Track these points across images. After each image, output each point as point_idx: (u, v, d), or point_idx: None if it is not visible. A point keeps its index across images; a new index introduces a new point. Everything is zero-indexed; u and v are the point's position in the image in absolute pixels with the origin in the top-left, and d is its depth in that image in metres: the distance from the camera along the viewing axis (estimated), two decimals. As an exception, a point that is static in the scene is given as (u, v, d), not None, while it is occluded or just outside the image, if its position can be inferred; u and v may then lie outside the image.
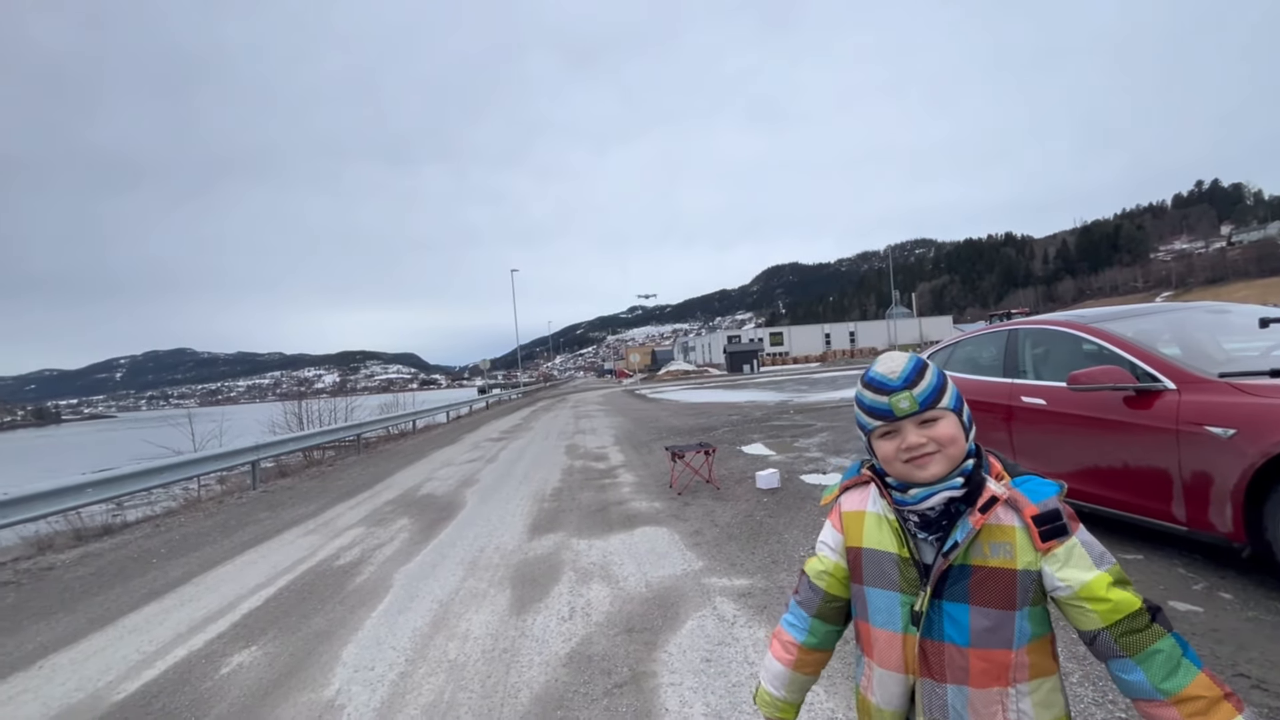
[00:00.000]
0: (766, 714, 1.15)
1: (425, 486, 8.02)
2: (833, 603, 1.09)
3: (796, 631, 1.12)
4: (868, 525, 1.03)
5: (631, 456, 9.10)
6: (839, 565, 1.08)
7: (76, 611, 4.20)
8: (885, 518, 1.01)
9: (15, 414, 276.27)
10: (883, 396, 0.96)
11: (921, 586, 0.95)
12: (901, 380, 0.95)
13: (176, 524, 7.05)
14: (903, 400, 0.94)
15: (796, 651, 1.11)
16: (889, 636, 0.99)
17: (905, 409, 0.94)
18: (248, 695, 2.78)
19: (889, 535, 0.99)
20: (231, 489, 9.70)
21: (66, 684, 3.08)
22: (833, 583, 1.08)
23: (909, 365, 0.97)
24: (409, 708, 2.54)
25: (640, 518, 5.35)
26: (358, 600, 3.88)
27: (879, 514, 1.02)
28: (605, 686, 2.57)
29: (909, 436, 0.95)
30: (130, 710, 2.75)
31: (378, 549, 5.07)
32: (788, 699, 1.14)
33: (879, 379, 0.97)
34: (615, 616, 3.28)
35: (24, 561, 5.80)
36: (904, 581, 0.97)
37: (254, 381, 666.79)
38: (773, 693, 1.14)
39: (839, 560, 1.08)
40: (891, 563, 0.99)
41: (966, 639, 0.92)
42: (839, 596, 1.08)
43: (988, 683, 0.91)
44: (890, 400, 0.95)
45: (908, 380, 0.95)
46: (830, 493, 1.13)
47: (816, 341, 74.58)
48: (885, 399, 0.96)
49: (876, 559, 1.01)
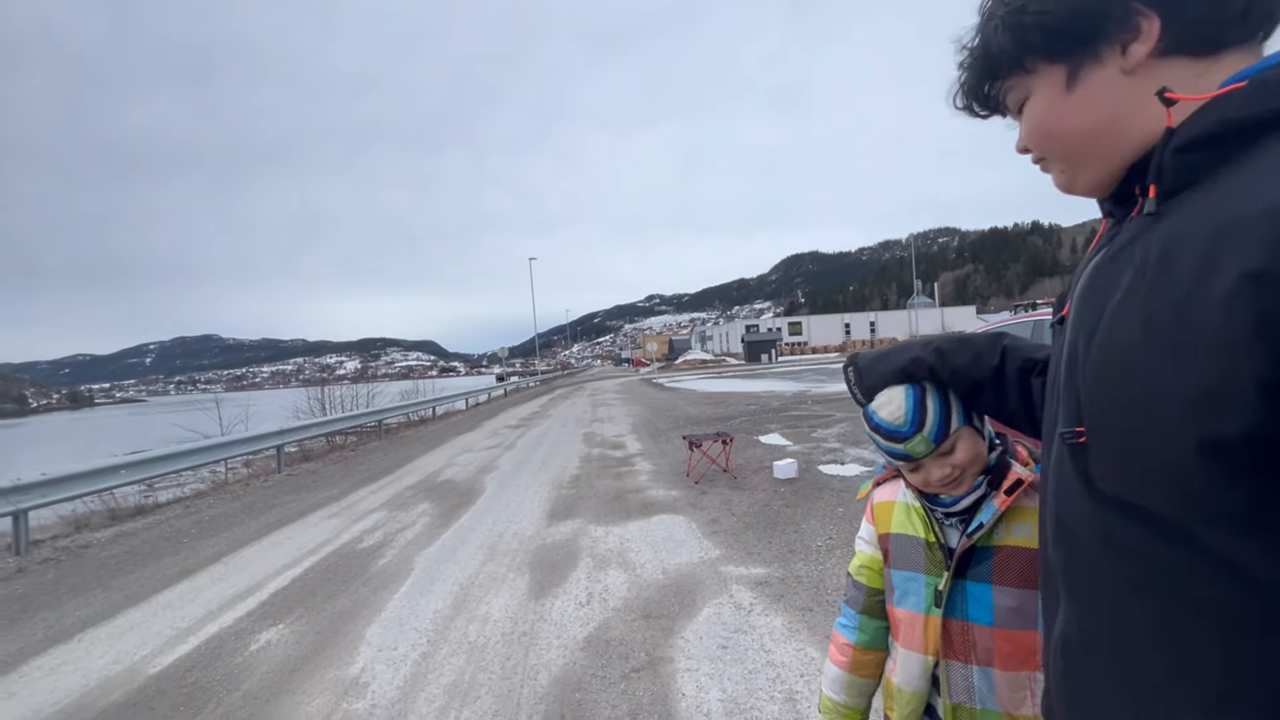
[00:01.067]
0: (828, 719, 1.13)
1: (445, 472, 8.14)
2: (876, 596, 1.09)
3: (848, 631, 1.11)
4: (897, 513, 1.04)
5: (649, 445, 9.13)
6: (874, 557, 1.09)
7: (112, 588, 4.35)
8: (913, 505, 1.02)
9: (51, 397, 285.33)
10: (897, 444, 0.94)
11: (945, 568, 0.95)
12: (909, 426, 0.93)
13: (206, 505, 7.25)
14: (918, 445, 0.93)
15: (851, 652, 1.10)
16: (911, 617, 0.99)
17: (922, 452, 0.93)
18: (276, 671, 2.87)
19: (917, 521, 1.01)
20: (257, 472, 9.93)
21: (105, 657, 3.20)
22: (872, 575, 1.09)
23: (909, 406, 0.93)
24: (431, 687, 2.61)
25: (657, 505, 5.38)
26: (380, 582, 3.97)
27: (907, 502, 1.03)
28: (623, 671, 2.60)
29: (933, 472, 0.94)
30: (166, 683, 2.86)
31: (399, 533, 5.17)
32: (849, 703, 1.11)
33: (887, 427, 0.94)
34: (632, 602, 3.32)
35: (62, 539, 6.02)
36: (929, 564, 0.98)
37: (278, 367, 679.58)
38: (833, 698, 1.12)
39: (874, 552, 1.09)
40: (918, 546, 1.00)
41: (990, 618, 0.92)
42: (880, 589, 1.08)
43: (1015, 666, 0.91)
44: (906, 447, 0.94)
45: (915, 423, 0.93)
46: (866, 488, 1.14)
47: (836, 331, 73.86)
48: (901, 446, 0.94)
49: (904, 543, 1.02)
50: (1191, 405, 0.45)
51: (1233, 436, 0.43)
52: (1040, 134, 0.62)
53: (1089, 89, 0.57)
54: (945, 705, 0.95)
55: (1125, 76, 0.55)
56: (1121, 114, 0.56)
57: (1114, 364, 0.52)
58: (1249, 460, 0.42)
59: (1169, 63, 0.53)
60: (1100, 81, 0.56)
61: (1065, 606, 0.59)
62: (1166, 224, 0.51)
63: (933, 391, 0.93)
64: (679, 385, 25.01)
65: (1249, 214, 0.43)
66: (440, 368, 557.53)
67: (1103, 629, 0.54)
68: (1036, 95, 0.61)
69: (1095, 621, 0.55)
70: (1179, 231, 0.49)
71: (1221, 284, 0.43)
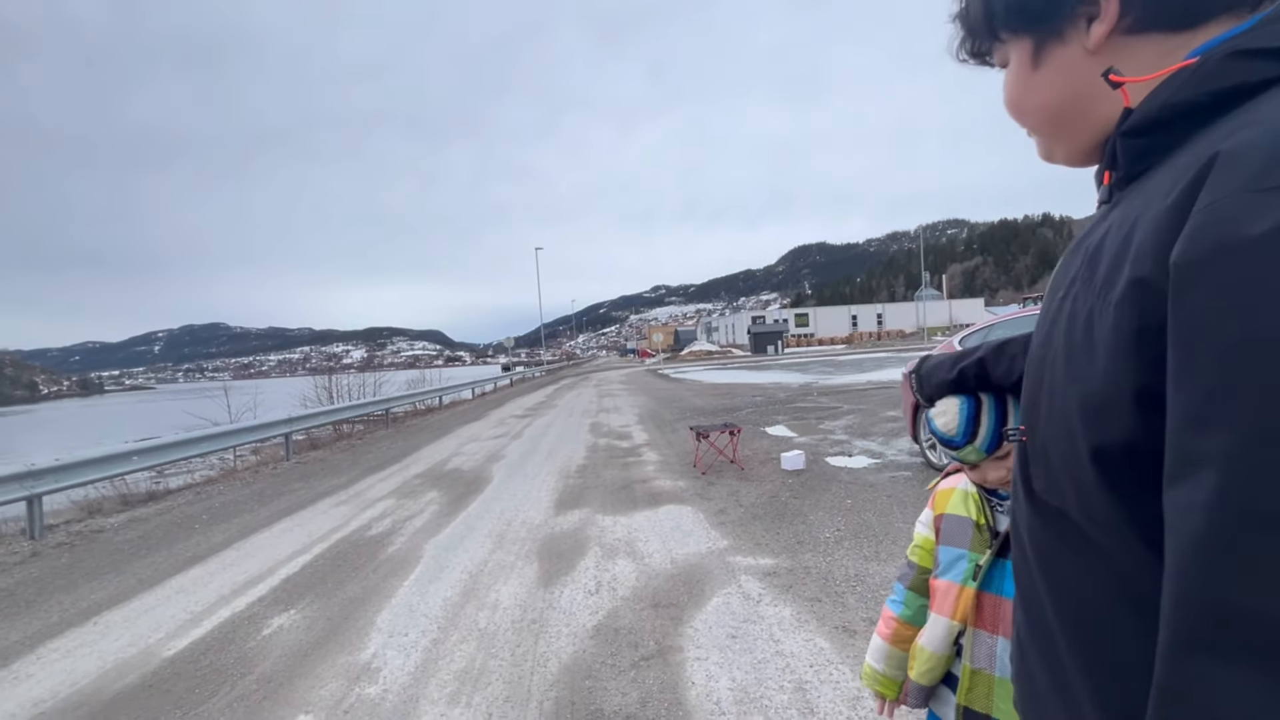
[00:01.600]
0: (868, 686, 1.22)
1: (453, 461, 8.18)
2: (924, 574, 1.15)
3: (895, 605, 1.19)
4: (954, 497, 1.11)
5: (655, 435, 9.14)
6: (928, 538, 1.15)
7: (126, 572, 4.40)
8: (970, 492, 1.08)
9: (62, 384, 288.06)
10: (952, 451, 1.01)
11: (990, 547, 1.01)
12: (961, 437, 0.97)
13: (216, 492, 7.32)
14: (969, 455, 0.99)
15: (895, 625, 1.17)
16: (948, 586, 1.05)
17: (974, 460, 1.00)
18: (289, 655, 2.90)
19: (971, 505, 1.07)
20: (266, 460, 10.01)
21: (120, 640, 3.24)
22: (924, 555, 1.16)
23: (963, 420, 0.96)
24: (442, 673, 2.63)
25: (664, 496, 5.40)
26: (390, 569, 4.00)
27: (965, 489, 1.10)
28: (632, 659, 2.62)
29: (989, 474, 1.00)
30: (180, 665, 2.89)
31: (408, 520, 5.21)
32: (888, 673, 1.18)
33: (942, 436, 1.01)
34: (641, 591, 3.33)
35: (76, 524, 6.09)
36: (975, 542, 1.04)
37: (284, 356, 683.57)
38: (874, 667, 1.20)
39: (928, 534, 1.16)
40: (968, 526, 1.06)
41: None
42: (929, 568, 1.15)
43: None
44: (959, 455, 1.01)
45: (966, 435, 0.97)
46: (935, 480, 1.21)
47: (843, 323, 73.58)
48: (956, 453, 1.01)
49: (955, 523, 1.09)
50: (1087, 411, 0.45)
51: (1116, 445, 0.43)
52: (1012, 106, 0.60)
53: (1052, 66, 0.54)
54: (965, 669, 0.99)
55: (1089, 55, 0.52)
56: (1084, 93, 0.53)
57: (1038, 365, 0.53)
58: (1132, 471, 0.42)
59: (1141, 39, 0.50)
60: (1064, 59, 0.53)
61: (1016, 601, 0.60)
62: (1113, 216, 0.49)
63: (990, 403, 0.95)
64: (685, 376, 25.02)
65: (1154, 213, 0.42)
66: (446, 357, 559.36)
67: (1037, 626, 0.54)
68: (1010, 66, 0.59)
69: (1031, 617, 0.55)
70: (1112, 226, 0.47)
71: (1119, 289, 0.42)
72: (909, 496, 4.72)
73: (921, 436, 5.77)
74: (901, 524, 4.10)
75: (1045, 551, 0.52)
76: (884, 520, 4.21)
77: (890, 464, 5.94)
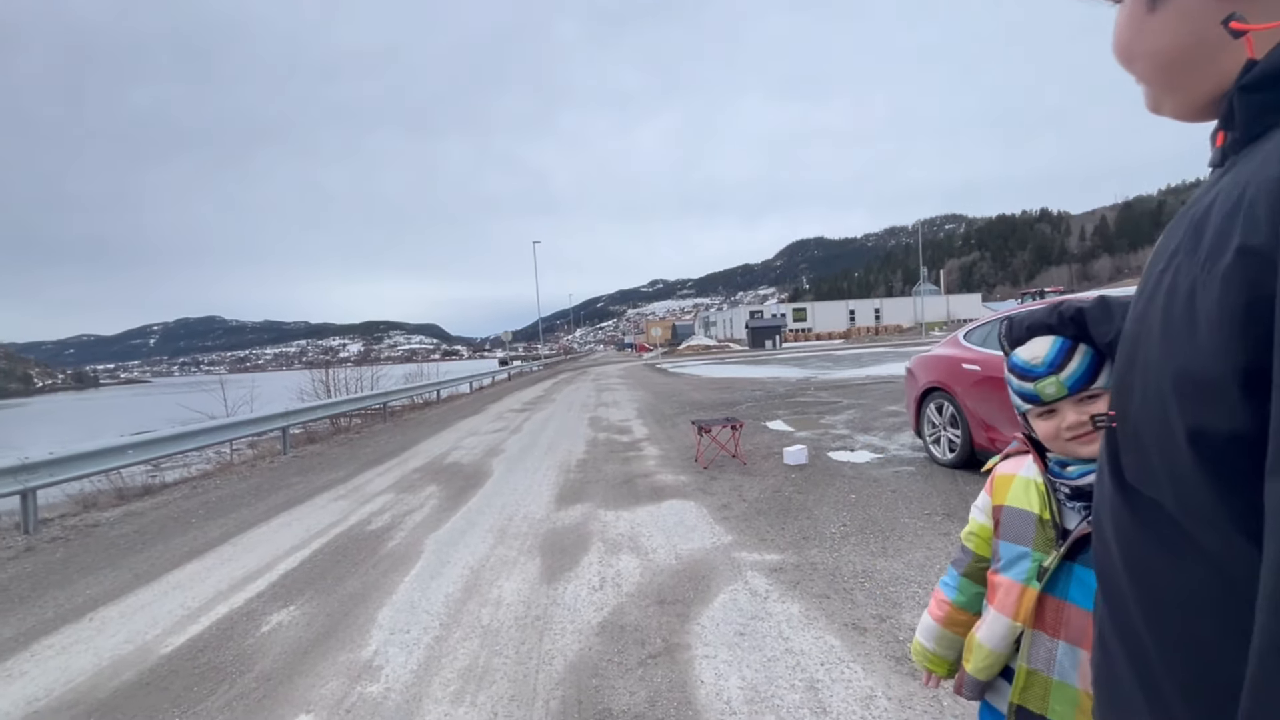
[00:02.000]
0: (919, 663, 1.22)
1: (452, 455, 8.13)
2: (980, 563, 1.12)
3: (948, 589, 1.17)
4: (1015, 487, 1.04)
5: (655, 430, 9.10)
6: (985, 526, 1.11)
7: (122, 567, 4.34)
8: (1034, 481, 1.01)
9: (57, 377, 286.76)
10: (1027, 383, 0.97)
11: (1056, 546, 0.95)
12: (1044, 367, 0.95)
13: (212, 486, 7.25)
14: (1048, 386, 0.94)
15: (947, 609, 1.16)
16: (1010, 584, 1.00)
17: (1052, 394, 0.94)
18: (289, 653, 2.85)
19: (1035, 497, 1.00)
20: (263, 454, 9.94)
21: (116, 636, 3.19)
22: (979, 543, 1.12)
23: (1053, 350, 0.95)
24: (445, 671, 2.58)
25: (667, 490, 5.35)
26: (390, 565, 3.95)
27: (1028, 478, 1.03)
28: (639, 657, 2.57)
29: (1068, 415, 0.95)
30: (178, 663, 2.84)
31: (408, 515, 5.15)
32: (938, 652, 1.19)
33: (1022, 366, 0.97)
34: (646, 587, 3.29)
35: (71, 518, 6.02)
36: (1039, 539, 0.97)
37: (281, 349, 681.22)
38: (925, 645, 1.20)
39: (985, 521, 1.11)
40: (1030, 521, 0.99)
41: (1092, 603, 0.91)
42: (985, 557, 1.11)
43: None
44: (1036, 386, 0.95)
45: (1053, 365, 0.95)
46: (993, 461, 1.15)
47: (841, 318, 73.58)
48: (1031, 385, 0.96)
49: (1016, 516, 1.02)
50: (1185, 391, 0.41)
51: (1217, 429, 0.39)
52: (1121, 51, 0.55)
53: (1170, 8, 0.49)
54: (1021, 668, 0.96)
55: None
56: (1203, 41, 0.47)
57: (1131, 343, 0.49)
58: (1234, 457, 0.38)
59: None
60: (1185, 3, 0.48)
61: (1098, 598, 0.57)
62: (1223, 181, 0.44)
63: (1087, 347, 0.95)
64: (683, 370, 24.97)
65: (1270, 175, 0.37)
66: (443, 351, 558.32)
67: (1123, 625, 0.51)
68: (1123, 4, 0.53)
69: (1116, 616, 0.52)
70: (1221, 193, 0.43)
71: (1227, 258, 0.38)
72: (913, 492, 4.69)
73: (925, 431, 5.73)
74: (907, 519, 4.06)
75: (1134, 545, 0.48)
76: (889, 516, 4.17)
77: (893, 459, 5.90)
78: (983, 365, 4.94)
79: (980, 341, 5.29)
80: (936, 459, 5.52)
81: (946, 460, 5.36)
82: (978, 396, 4.93)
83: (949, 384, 5.32)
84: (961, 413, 5.13)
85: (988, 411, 4.80)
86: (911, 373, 6.12)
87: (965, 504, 4.25)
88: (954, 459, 5.25)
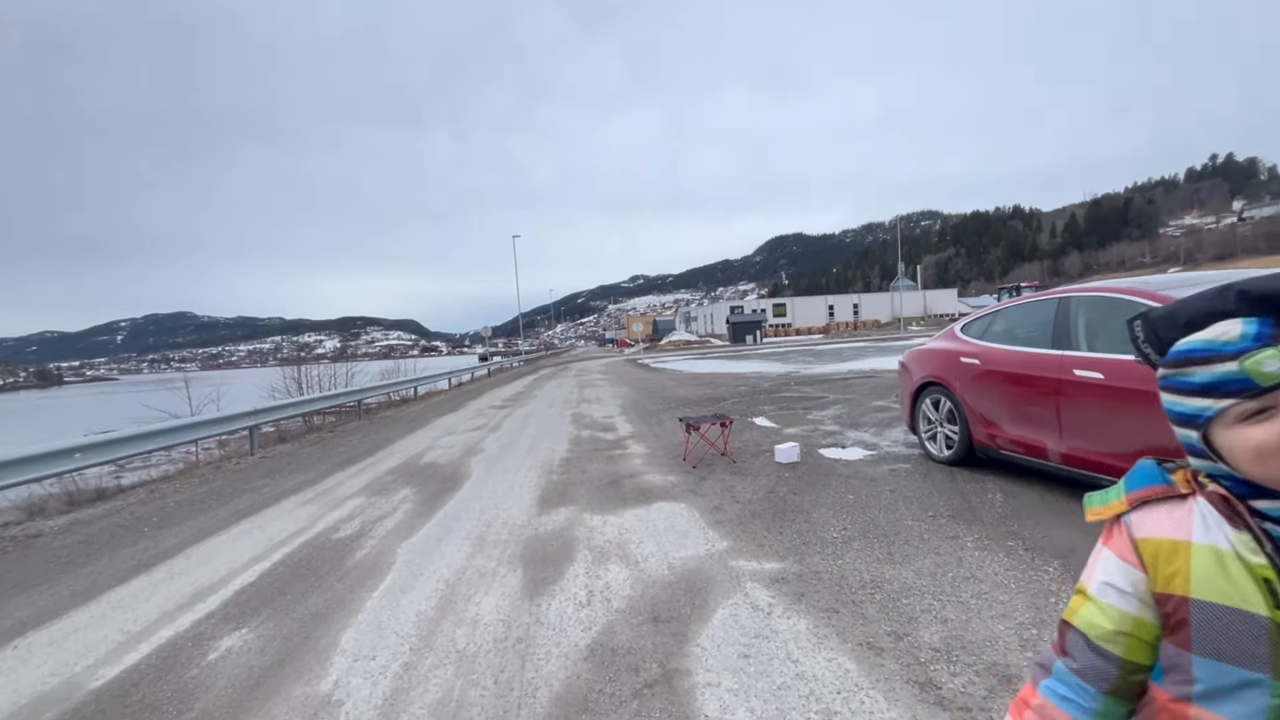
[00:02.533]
0: None
1: (428, 455, 7.77)
2: (1136, 674, 0.74)
3: (1072, 708, 0.75)
4: (1201, 565, 0.67)
5: (640, 427, 8.83)
6: (1142, 621, 0.72)
7: (60, 584, 3.95)
8: (1238, 555, 0.65)
9: (18, 375, 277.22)
10: (1225, 364, 0.63)
11: None
12: (1253, 341, 0.62)
13: (172, 490, 6.81)
14: (1269, 360, 0.60)
15: None
16: None
17: (1276, 370, 0.60)
18: (236, 686, 2.53)
19: (1248, 584, 0.63)
20: (230, 454, 9.47)
21: (42, 667, 2.83)
22: (1135, 646, 0.73)
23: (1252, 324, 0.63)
24: (414, 705, 2.29)
25: (655, 492, 5.09)
26: (358, 578, 3.63)
27: (1222, 549, 0.65)
28: (633, 686, 2.30)
29: None
30: (106, 700, 2.50)
31: (379, 521, 4.82)
32: None
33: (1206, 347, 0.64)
34: (638, 602, 3.02)
35: (12, 527, 5.57)
36: (1277, 658, 0.62)
37: (254, 346, 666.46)
38: None
39: (1142, 614, 0.72)
40: (1256, 630, 0.62)
41: None
42: (1143, 665, 0.73)
43: None
44: (1244, 365, 0.61)
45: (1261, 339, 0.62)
46: (1103, 504, 0.76)
47: (820, 313, 73.99)
48: (1234, 366, 0.62)
49: (1224, 620, 0.64)
50: None
51: None
52: None
53: None
54: None
55: None
56: None
57: None
58: None
59: None
60: None
61: None
62: None
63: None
64: (665, 366, 24.72)
65: None
66: (422, 347, 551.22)
67: None
68: None
69: None
70: None
71: None
72: (913, 492, 4.48)
73: (920, 427, 5.54)
74: (911, 522, 3.84)
75: None
76: (891, 518, 3.95)
77: (887, 456, 5.71)
78: (982, 359, 4.74)
79: (979, 334, 5.10)
80: (932, 456, 5.33)
81: (943, 457, 5.17)
82: (977, 391, 4.73)
83: (946, 378, 5.13)
84: (960, 408, 4.94)
85: (988, 407, 4.60)
86: (905, 367, 5.92)
87: (968, 504, 4.06)
88: (951, 456, 5.06)
